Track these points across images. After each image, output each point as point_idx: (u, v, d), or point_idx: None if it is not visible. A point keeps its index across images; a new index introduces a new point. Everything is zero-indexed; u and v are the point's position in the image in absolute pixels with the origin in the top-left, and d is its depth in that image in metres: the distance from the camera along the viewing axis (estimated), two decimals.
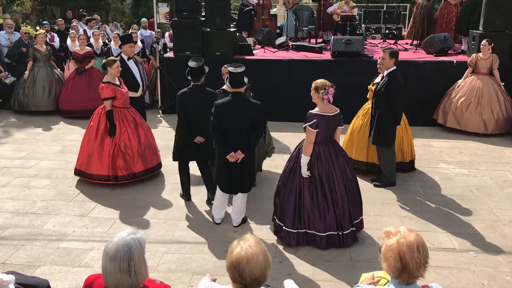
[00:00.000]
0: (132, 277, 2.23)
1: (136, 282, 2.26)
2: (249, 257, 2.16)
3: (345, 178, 4.74)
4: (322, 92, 4.61)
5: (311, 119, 4.59)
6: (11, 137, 8.48)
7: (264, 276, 2.18)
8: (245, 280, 2.16)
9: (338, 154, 4.80)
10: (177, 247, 4.80)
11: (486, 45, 8.44)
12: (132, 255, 2.23)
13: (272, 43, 11.03)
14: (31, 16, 22.07)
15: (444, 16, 11.08)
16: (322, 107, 4.66)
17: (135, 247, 2.25)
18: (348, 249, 4.73)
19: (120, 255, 2.22)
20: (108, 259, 2.24)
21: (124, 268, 2.21)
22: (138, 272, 2.24)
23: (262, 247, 2.22)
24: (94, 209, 5.65)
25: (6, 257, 4.59)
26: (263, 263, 2.17)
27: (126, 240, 2.26)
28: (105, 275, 2.27)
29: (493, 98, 8.49)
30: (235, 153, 4.82)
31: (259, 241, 2.25)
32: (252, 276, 2.15)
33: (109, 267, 2.23)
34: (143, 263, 2.29)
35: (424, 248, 2.22)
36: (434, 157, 7.48)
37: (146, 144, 6.42)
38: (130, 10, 26.34)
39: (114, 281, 2.24)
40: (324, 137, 4.70)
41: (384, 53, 5.95)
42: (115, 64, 6.21)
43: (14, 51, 10.58)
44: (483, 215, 5.53)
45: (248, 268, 2.15)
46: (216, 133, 4.89)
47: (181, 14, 9.66)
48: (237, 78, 4.84)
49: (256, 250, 2.18)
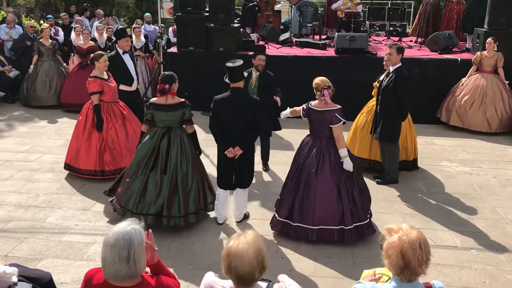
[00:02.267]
0: (131, 266, 2.23)
1: (134, 272, 2.26)
2: (239, 253, 2.18)
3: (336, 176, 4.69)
4: (319, 94, 4.74)
5: (304, 107, 4.89)
6: (15, 131, 8.50)
7: (252, 274, 2.18)
8: (232, 273, 2.19)
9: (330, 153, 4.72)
10: (180, 241, 4.81)
11: (492, 43, 8.40)
12: (132, 244, 2.23)
13: (276, 39, 11.00)
14: (35, 10, 22.05)
15: (446, 14, 11.06)
16: (317, 103, 4.82)
17: (135, 236, 2.26)
18: (350, 246, 4.74)
19: (120, 243, 2.22)
20: (108, 248, 2.24)
21: (124, 257, 2.21)
22: (137, 261, 2.25)
23: (257, 246, 2.21)
24: (96, 203, 5.66)
25: (9, 249, 4.61)
26: (253, 261, 2.17)
27: (126, 229, 2.28)
28: (104, 265, 2.27)
29: (497, 96, 8.46)
30: (234, 148, 4.82)
31: (258, 240, 2.25)
32: (239, 271, 2.17)
33: (109, 256, 2.23)
34: (142, 253, 2.29)
35: (426, 245, 2.22)
36: (437, 155, 7.47)
37: (135, 139, 6.33)
38: (134, 5, 26.29)
39: (113, 271, 2.24)
40: (314, 131, 4.86)
41: (391, 48, 5.93)
42: (102, 58, 6.21)
43: (19, 44, 10.61)
44: (486, 213, 5.52)
45: (235, 263, 2.17)
46: (214, 129, 4.90)
47: (185, 9, 9.65)
48: (236, 73, 4.81)
49: (248, 248, 2.19)
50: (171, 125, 4.95)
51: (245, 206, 5.25)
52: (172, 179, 4.86)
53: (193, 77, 9.45)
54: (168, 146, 4.88)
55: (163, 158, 4.87)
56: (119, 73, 6.57)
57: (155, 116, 4.94)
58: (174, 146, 4.89)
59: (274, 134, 7.46)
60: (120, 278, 2.26)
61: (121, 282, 2.29)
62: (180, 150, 4.90)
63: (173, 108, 4.89)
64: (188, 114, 4.99)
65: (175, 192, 4.86)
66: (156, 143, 4.90)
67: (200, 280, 2.56)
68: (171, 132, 4.93)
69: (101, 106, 6.21)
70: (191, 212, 4.93)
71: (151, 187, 4.87)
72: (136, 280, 2.33)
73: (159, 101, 4.90)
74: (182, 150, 4.92)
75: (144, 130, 5.13)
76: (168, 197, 4.84)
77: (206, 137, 7.60)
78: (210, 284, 2.44)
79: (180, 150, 4.90)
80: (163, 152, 4.88)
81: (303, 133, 5.12)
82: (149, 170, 4.89)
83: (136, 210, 4.87)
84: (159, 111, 4.89)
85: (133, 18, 21.67)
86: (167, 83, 4.87)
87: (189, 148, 4.97)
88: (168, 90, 4.87)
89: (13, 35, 10.96)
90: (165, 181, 4.85)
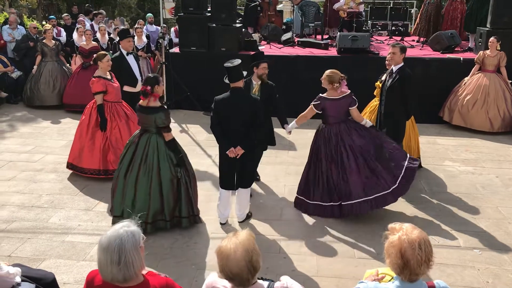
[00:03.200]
0: (122, 268, 2.22)
1: (129, 274, 2.26)
2: (227, 253, 2.20)
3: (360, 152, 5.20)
4: (336, 85, 5.15)
5: (317, 100, 5.26)
6: (17, 131, 8.52)
7: (240, 275, 2.19)
8: (223, 273, 2.23)
9: (351, 131, 5.25)
10: (182, 241, 4.82)
11: (494, 42, 8.38)
12: (123, 247, 2.22)
13: (278, 39, 11.00)
14: (38, 11, 22.10)
15: (450, 13, 11.02)
16: (330, 92, 5.22)
17: (127, 239, 2.25)
18: (352, 246, 4.74)
19: (111, 247, 2.22)
20: (101, 252, 2.25)
21: (115, 260, 2.21)
22: (130, 264, 2.23)
23: (247, 246, 2.22)
24: (99, 204, 5.67)
25: (12, 250, 4.63)
26: (240, 261, 2.18)
27: (118, 232, 2.27)
28: (100, 268, 2.28)
29: (500, 96, 8.43)
30: (235, 148, 4.83)
31: (249, 240, 2.25)
32: (227, 271, 2.20)
33: (103, 260, 2.24)
34: (137, 254, 2.27)
35: (427, 245, 2.21)
36: (439, 154, 7.46)
37: None
38: (136, 5, 26.34)
39: (108, 274, 2.24)
40: (333, 118, 5.26)
41: (394, 48, 5.92)
42: (105, 58, 6.22)
43: (21, 45, 10.63)
44: (488, 213, 5.51)
45: (223, 263, 2.21)
46: (215, 129, 4.90)
47: (187, 10, 9.66)
48: (234, 72, 4.80)
49: (236, 248, 2.20)
50: (147, 129, 4.86)
51: (247, 206, 5.25)
52: (152, 182, 4.77)
53: (195, 77, 9.47)
54: (144, 147, 4.82)
55: (138, 162, 4.80)
56: (123, 75, 6.55)
57: (138, 118, 4.96)
58: (150, 148, 4.81)
59: (276, 134, 7.46)
60: (115, 281, 2.26)
61: (120, 283, 2.29)
62: (157, 153, 4.80)
63: (149, 111, 4.76)
64: (161, 121, 4.74)
65: (159, 196, 4.80)
66: (132, 145, 4.88)
67: (203, 280, 2.57)
68: (148, 135, 4.84)
69: (104, 106, 6.22)
70: (183, 216, 4.92)
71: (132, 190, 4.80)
72: (136, 280, 2.33)
73: (142, 103, 4.85)
74: (159, 153, 4.81)
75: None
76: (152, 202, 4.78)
77: (208, 137, 7.63)
78: (212, 284, 2.45)
79: (157, 153, 4.80)
80: (139, 155, 4.81)
81: (305, 133, 5.14)
82: (124, 172, 4.85)
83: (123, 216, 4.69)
84: (139, 113, 4.85)
85: (135, 19, 21.71)
86: (149, 85, 4.76)
87: (167, 153, 4.84)
88: (151, 92, 4.76)
89: (15, 36, 10.99)
90: (144, 183, 4.77)
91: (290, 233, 4.98)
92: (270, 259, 4.44)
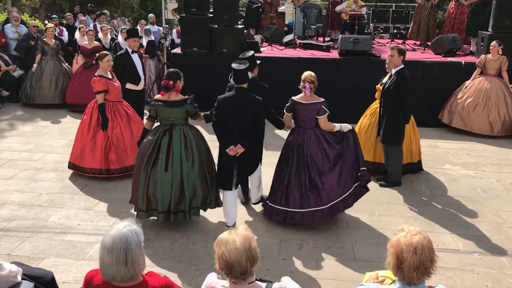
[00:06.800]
0: (130, 268, 2.24)
1: (134, 273, 2.27)
2: (226, 240, 2.30)
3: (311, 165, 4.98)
4: (302, 85, 5.01)
5: (288, 103, 5.17)
6: (18, 130, 8.52)
7: (239, 261, 2.24)
8: (221, 262, 2.27)
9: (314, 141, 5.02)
10: (181, 241, 4.82)
11: (496, 46, 8.38)
12: (129, 246, 2.24)
13: (280, 41, 11.01)
14: (40, 10, 22.12)
15: (456, 17, 11.00)
16: (302, 96, 5.09)
17: (132, 238, 2.26)
18: (352, 248, 4.73)
19: (117, 247, 2.23)
20: (105, 252, 2.25)
21: (122, 260, 2.22)
22: (136, 263, 2.26)
23: (245, 236, 2.31)
24: (99, 203, 5.67)
25: (12, 248, 4.62)
26: (240, 247, 2.25)
27: (122, 232, 2.28)
28: (102, 268, 2.28)
29: (501, 100, 8.43)
30: (235, 147, 4.83)
31: (247, 232, 2.35)
32: (226, 257, 2.24)
33: (107, 260, 2.24)
34: (141, 254, 2.30)
35: (425, 252, 2.18)
36: (440, 158, 7.45)
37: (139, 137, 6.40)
38: (138, 5, 26.37)
39: (112, 274, 2.25)
40: (301, 122, 5.10)
41: (393, 50, 5.93)
42: (106, 57, 6.24)
43: (23, 44, 10.64)
44: (489, 217, 5.50)
45: (222, 249, 2.28)
46: (217, 127, 4.91)
47: (189, 10, 9.66)
48: (240, 75, 4.86)
49: (235, 237, 2.30)
50: (175, 122, 4.94)
51: (261, 185, 5.50)
52: (177, 176, 4.84)
53: (197, 78, 9.46)
54: (169, 143, 4.86)
55: (164, 155, 4.85)
56: (126, 72, 6.57)
57: (158, 113, 4.95)
58: (177, 143, 4.87)
59: (274, 134, 7.47)
60: (118, 280, 2.27)
61: (121, 283, 2.30)
62: (184, 146, 4.88)
63: (176, 105, 4.89)
64: (192, 109, 4.96)
65: (180, 189, 4.85)
66: (157, 141, 4.90)
67: (202, 281, 2.56)
68: (173, 129, 4.92)
69: (105, 105, 6.22)
70: (194, 207, 4.96)
71: (154, 185, 4.85)
72: (136, 280, 2.33)
73: (163, 98, 4.91)
74: (186, 147, 4.90)
75: (147, 127, 5.14)
76: (174, 193, 4.83)
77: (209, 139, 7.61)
78: (211, 284, 2.45)
79: (183, 147, 4.88)
80: (164, 149, 4.86)
81: None
82: (150, 167, 4.88)
83: (145, 208, 4.88)
84: (162, 107, 4.90)
85: (137, 19, 21.73)
86: (172, 79, 4.88)
87: (194, 144, 4.93)
88: (172, 86, 4.87)
89: (21, 32, 10.98)
90: (168, 178, 4.83)
91: (289, 235, 4.98)
92: (270, 261, 4.44)
